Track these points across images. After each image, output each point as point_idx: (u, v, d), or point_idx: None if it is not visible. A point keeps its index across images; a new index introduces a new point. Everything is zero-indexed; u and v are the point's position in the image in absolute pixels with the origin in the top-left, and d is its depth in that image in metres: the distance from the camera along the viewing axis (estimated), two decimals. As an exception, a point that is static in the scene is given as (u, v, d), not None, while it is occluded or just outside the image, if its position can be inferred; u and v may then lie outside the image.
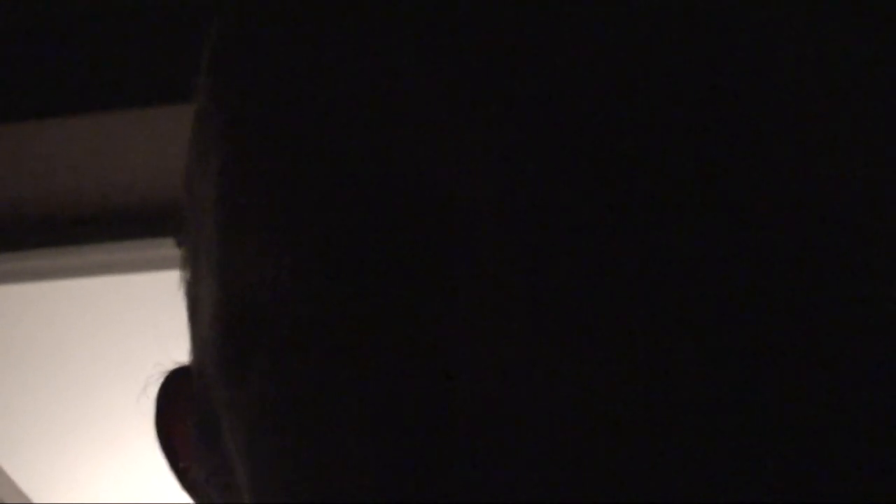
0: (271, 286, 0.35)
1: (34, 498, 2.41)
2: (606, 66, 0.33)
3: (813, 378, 0.32)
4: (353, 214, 0.35)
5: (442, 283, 0.33)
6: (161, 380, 0.44)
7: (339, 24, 0.36)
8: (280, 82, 0.36)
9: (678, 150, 0.33)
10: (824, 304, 0.33)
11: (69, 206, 1.72)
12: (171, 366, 0.43)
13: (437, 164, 0.34)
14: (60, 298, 2.03)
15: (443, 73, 0.34)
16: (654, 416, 0.32)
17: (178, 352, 0.43)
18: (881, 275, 0.33)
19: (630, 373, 0.32)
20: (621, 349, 0.32)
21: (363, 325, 0.34)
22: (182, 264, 0.42)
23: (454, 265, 0.33)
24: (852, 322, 0.33)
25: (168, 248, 1.66)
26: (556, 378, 0.32)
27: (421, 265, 0.34)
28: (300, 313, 0.35)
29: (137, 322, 2.00)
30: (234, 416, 0.37)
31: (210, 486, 0.40)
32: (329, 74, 0.35)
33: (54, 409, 2.28)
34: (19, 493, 2.39)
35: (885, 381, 0.33)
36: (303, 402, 0.35)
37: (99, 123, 1.66)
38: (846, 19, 0.34)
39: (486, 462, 0.32)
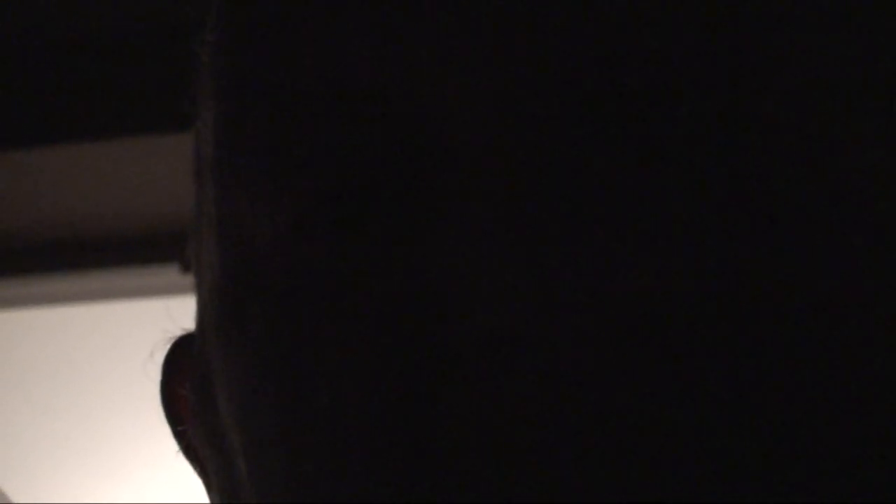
0: (268, 235, 0.35)
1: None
2: (610, 24, 0.33)
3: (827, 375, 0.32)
4: (345, 158, 0.35)
5: (437, 226, 0.33)
6: (168, 345, 0.44)
7: None
8: (273, 37, 0.36)
9: (679, 101, 0.33)
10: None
11: (71, 232, 1.72)
12: (179, 332, 0.43)
13: (431, 99, 0.34)
14: (62, 323, 2.02)
15: (436, 9, 0.34)
16: (653, 352, 0.31)
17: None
18: None
19: (629, 304, 0.32)
20: (620, 280, 0.32)
21: (357, 271, 0.34)
22: (189, 238, 0.42)
23: (449, 210, 0.33)
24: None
25: (172, 274, 1.66)
26: (551, 309, 0.32)
27: (414, 208, 0.34)
28: (297, 255, 0.35)
29: (138, 347, 1.99)
30: (227, 374, 0.37)
31: (205, 448, 0.40)
32: (321, 29, 0.36)
33: (54, 435, 2.27)
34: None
35: None
36: (296, 356, 0.35)
37: (107, 150, 1.67)
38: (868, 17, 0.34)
39: (483, 398, 0.32)
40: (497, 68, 0.33)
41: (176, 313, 0.54)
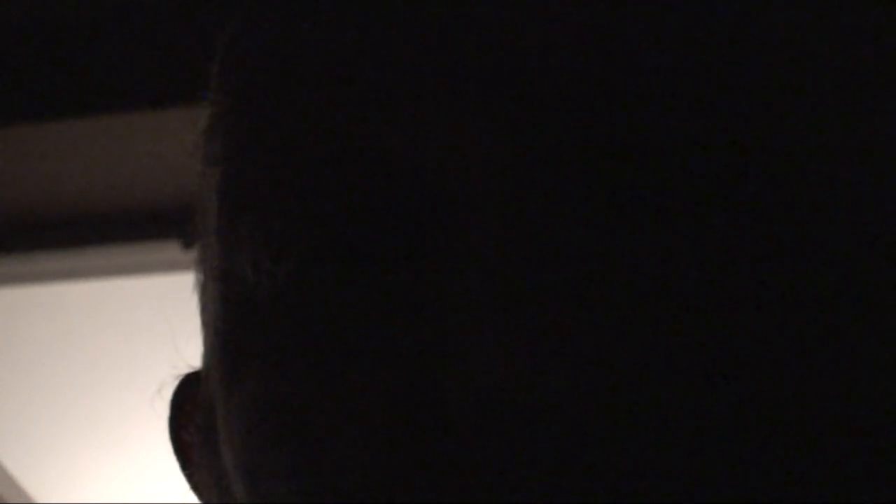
0: (268, 289, 0.36)
1: (37, 498, 2.41)
2: (609, 59, 0.33)
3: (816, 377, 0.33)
4: (344, 216, 0.35)
5: (439, 282, 0.34)
6: (175, 384, 0.44)
7: (340, 20, 0.36)
8: (280, 79, 0.37)
9: (679, 152, 0.33)
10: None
11: (77, 209, 1.73)
12: (185, 369, 0.44)
13: (433, 156, 0.34)
14: (64, 300, 2.02)
15: (438, 64, 0.34)
16: (650, 407, 0.32)
17: (185, 354, 0.44)
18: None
19: (626, 367, 0.32)
20: (617, 343, 0.32)
21: (355, 327, 0.34)
22: (196, 271, 0.42)
23: (451, 263, 0.33)
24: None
25: (174, 250, 1.66)
26: (549, 372, 0.32)
27: (417, 264, 0.34)
28: (297, 309, 0.35)
29: (140, 324, 2.00)
30: (228, 422, 0.37)
31: (212, 492, 0.40)
32: (326, 69, 0.36)
33: (58, 410, 2.27)
34: (22, 493, 2.39)
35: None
36: (291, 413, 0.35)
37: (108, 126, 1.67)
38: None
39: (480, 457, 0.32)
40: (499, 130, 0.33)
41: (179, 289, 0.54)
